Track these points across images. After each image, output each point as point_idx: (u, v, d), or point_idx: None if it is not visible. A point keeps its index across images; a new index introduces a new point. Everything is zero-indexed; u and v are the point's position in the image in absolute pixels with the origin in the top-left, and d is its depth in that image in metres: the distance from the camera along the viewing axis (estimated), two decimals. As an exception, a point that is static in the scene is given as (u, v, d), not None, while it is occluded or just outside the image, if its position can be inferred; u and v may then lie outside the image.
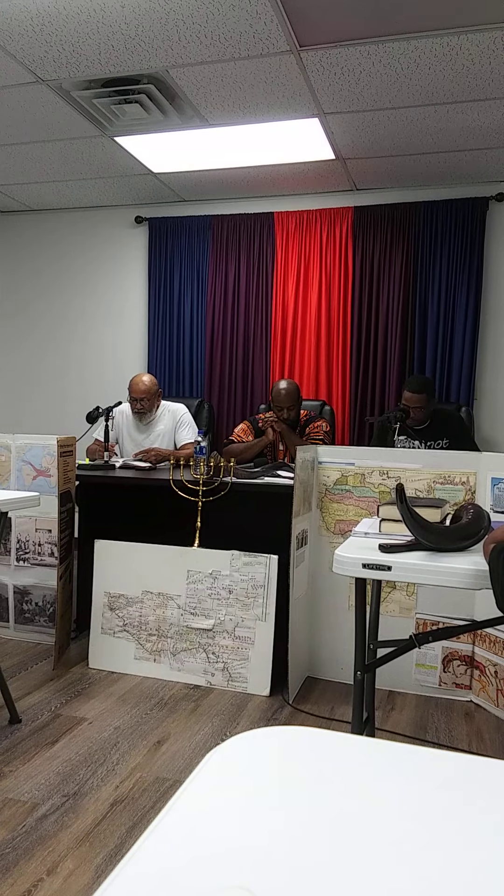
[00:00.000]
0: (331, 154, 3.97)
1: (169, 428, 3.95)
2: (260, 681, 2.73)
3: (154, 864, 0.46)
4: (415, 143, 3.80)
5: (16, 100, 3.40)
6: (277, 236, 4.74)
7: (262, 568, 2.74)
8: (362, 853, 0.48)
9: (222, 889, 0.43)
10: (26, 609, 3.29)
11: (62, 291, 5.33)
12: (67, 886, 1.62)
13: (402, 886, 0.44)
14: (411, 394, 3.58)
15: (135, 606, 2.90)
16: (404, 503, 1.60)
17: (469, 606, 2.67)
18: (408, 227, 4.50)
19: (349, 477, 2.88)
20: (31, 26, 2.75)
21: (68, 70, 3.09)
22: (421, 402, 3.57)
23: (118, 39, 2.83)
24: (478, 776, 0.59)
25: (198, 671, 2.81)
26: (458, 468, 2.73)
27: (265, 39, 2.79)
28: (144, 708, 2.59)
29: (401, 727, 2.52)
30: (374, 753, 0.62)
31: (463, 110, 3.37)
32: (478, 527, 1.67)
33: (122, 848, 1.76)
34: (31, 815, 1.89)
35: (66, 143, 3.95)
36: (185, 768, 2.17)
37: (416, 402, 3.56)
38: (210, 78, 3.12)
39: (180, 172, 4.37)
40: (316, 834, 0.50)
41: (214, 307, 4.89)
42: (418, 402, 3.57)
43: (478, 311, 4.41)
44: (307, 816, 0.52)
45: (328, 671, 2.92)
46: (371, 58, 2.90)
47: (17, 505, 2.34)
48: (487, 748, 2.39)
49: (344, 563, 1.60)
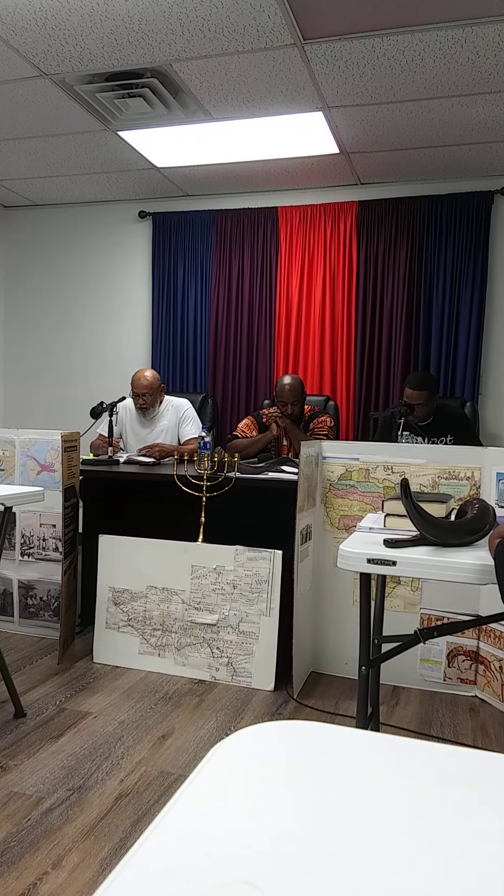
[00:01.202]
0: (335, 148, 3.95)
1: (173, 423, 3.95)
2: (264, 676, 2.73)
3: (158, 859, 0.46)
4: (419, 137, 3.78)
5: (19, 94, 3.40)
6: (281, 231, 4.73)
7: (267, 563, 2.74)
8: (367, 848, 0.48)
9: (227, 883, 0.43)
10: (31, 604, 3.30)
11: (66, 287, 5.33)
12: (72, 880, 1.62)
13: (407, 881, 0.44)
14: (412, 390, 3.57)
15: (139, 601, 2.91)
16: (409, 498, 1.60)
17: (474, 601, 2.66)
18: (412, 221, 4.48)
19: (353, 472, 2.87)
20: (34, 20, 2.74)
21: (71, 64, 3.08)
22: (422, 398, 3.56)
23: (121, 33, 2.82)
24: (482, 771, 0.59)
25: (202, 666, 2.82)
26: (462, 463, 2.72)
27: (269, 33, 2.78)
28: (149, 702, 2.60)
29: (405, 722, 2.52)
30: (378, 748, 0.62)
31: (467, 103, 3.35)
32: (483, 522, 1.66)
33: (127, 842, 1.77)
34: (36, 809, 1.90)
35: (70, 138, 3.95)
36: (190, 763, 2.18)
37: (417, 398, 3.55)
38: (213, 72, 3.11)
39: (184, 167, 4.36)
40: (320, 828, 0.50)
41: (218, 302, 4.88)
42: (420, 399, 3.55)
43: (483, 305, 4.40)
44: (311, 811, 0.52)
45: (332, 666, 2.93)
46: (375, 51, 2.88)
47: (21, 500, 2.35)
48: (492, 743, 2.39)
49: (348, 558, 1.60)
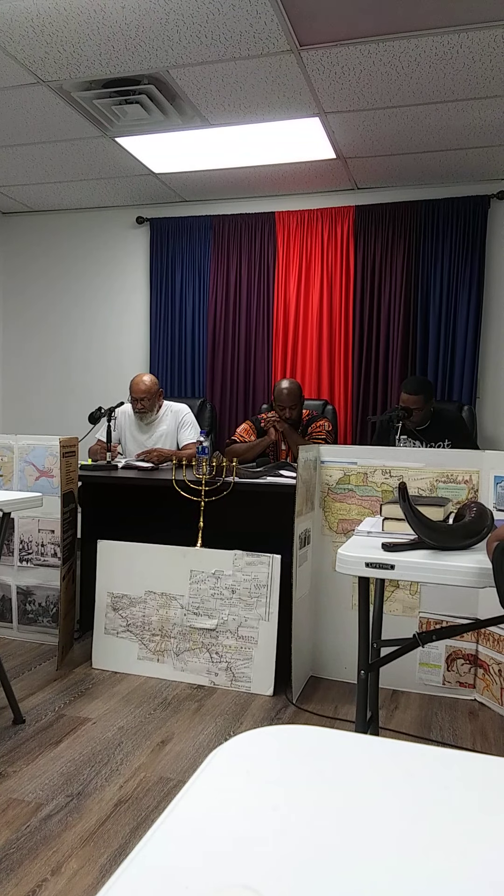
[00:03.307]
0: (331, 153, 3.96)
1: (171, 428, 3.95)
2: (263, 680, 2.73)
3: (158, 864, 0.46)
4: (415, 142, 3.79)
5: (17, 101, 3.41)
6: (279, 236, 4.74)
7: (265, 568, 2.74)
8: (366, 852, 0.48)
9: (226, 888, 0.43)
10: (30, 609, 3.29)
11: (64, 292, 5.33)
12: (72, 886, 1.62)
13: (406, 885, 0.44)
14: (409, 395, 3.57)
15: (138, 606, 2.91)
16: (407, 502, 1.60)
17: (473, 605, 2.66)
18: (409, 225, 4.49)
19: (352, 476, 2.87)
20: (31, 27, 2.75)
21: (69, 71, 3.09)
22: (419, 403, 3.56)
23: (119, 40, 2.83)
24: (482, 775, 0.59)
25: (201, 671, 2.81)
26: (460, 466, 2.72)
27: (265, 39, 2.79)
28: (148, 708, 2.59)
29: (405, 726, 2.51)
30: (377, 752, 0.62)
31: (463, 108, 3.36)
32: (481, 525, 1.66)
33: (127, 848, 1.76)
34: (35, 816, 1.90)
35: (67, 144, 3.96)
36: (189, 768, 2.17)
37: (413, 403, 3.56)
38: (210, 78, 3.12)
39: (181, 173, 4.37)
40: (319, 833, 0.50)
41: (216, 307, 4.89)
42: (416, 404, 3.56)
43: (479, 309, 4.41)
44: (311, 815, 0.52)
45: (332, 670, 2.92)
46: (371, 57, 2.90)
47: (19, 506, 2.34)
48: (491, 747, 2.39)
49: (347, 562, 1.60)
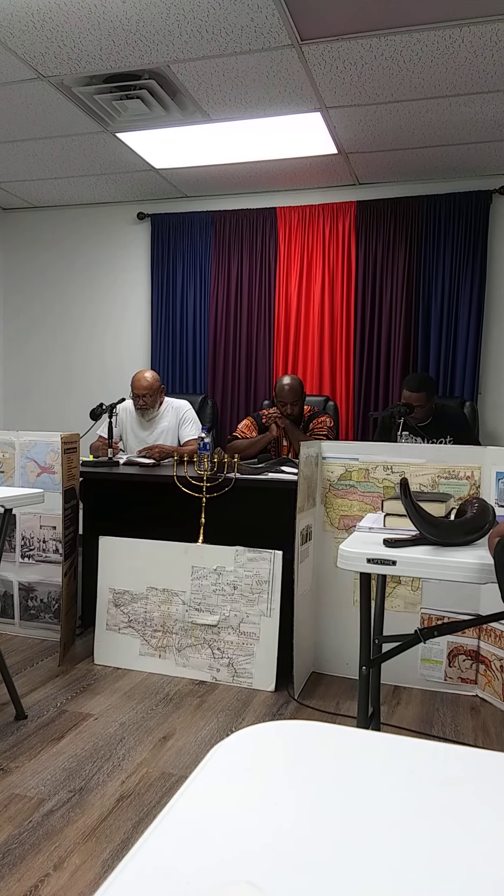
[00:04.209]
0: (333, 148, 3.95)
1: (173, 424, 3.95)
2: (265, 676, 2.73)
3: (160, 859, 0.46)
4: (417, 137, 3.78)
5: (17, 96, 3.40)
6: (280, 231, 4.73)
7: (267, 564, 2.74)
8: (368, 848, 0.47)
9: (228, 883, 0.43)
10: (31, 605, 3.30)
11: (65, 288, 5.33)
12: (74, 881, 1.62)
13: (408, 881, 0.44)
14: (410, 392, 3.56)
15: (139, 602, 2.91)
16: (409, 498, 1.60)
17: (474, 601, 2.66)
18: (411, 221, 4.48)
19: (353, 472, 2.87)
20: (31, 22, 2.74)
21: (69, 66, 3.08)
22: (420, 400, 3.55)
23: (119, 35, 2.82)
24: (483, 770, 0.59)
25: (203, 667, 2.82)
26: (462, 462, 2.72)
27: (266, 33, 2.78)
28: (150, 704, 2.60)
29: (406, 722, 2.52)
30: (379, 748, 0.62)
31: (465, 103, 3.35)
32: (483, 521, 1.66)
33: (129, 843, 1.77)
34: (37, 811, 1.90)
35: (68, 140, 3.95)
36: (191, 764, 2.18)
37: (415, 400, 3.55)
38: (211, 73, 3.11)
39: (182, 168, 4.36)
40: (321, 828, 0.50)
41: (217, 303, 4.88)
42: (418, 401, 3.55)
43: (482, 304, 4.40)
44: (312, 811, 0.52)
45: (333, 666, 2.92)
46: (373, 51, 2.89)
47: (21, 502, 2.35)
48: (493, 742, 2.39)
49: (348, 558, 1.60)
